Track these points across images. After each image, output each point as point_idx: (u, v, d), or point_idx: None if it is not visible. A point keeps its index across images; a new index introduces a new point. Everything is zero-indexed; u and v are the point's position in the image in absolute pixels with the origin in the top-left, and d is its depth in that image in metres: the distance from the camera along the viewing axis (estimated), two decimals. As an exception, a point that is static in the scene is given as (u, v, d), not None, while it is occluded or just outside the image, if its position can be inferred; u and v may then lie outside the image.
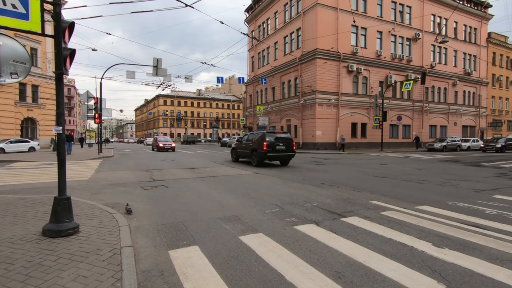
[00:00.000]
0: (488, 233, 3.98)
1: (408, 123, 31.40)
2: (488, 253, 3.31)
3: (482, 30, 37.04)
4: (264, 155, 12.33)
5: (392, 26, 29.28)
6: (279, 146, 12.55)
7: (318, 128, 25.93)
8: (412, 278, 2.69)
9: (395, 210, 5.22)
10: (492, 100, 40.04)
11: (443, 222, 4.48)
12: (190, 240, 3.67)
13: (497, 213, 5.09)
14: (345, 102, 27.05)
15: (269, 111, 33.77)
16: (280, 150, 12.60)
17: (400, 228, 4.19)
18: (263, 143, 12.24)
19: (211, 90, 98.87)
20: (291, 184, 8.13)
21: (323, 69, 25.74)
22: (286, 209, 5.23)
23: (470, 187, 7.79)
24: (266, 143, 12.24)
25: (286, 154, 12.91)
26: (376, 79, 28.89)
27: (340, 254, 3.24)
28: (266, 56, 35.13)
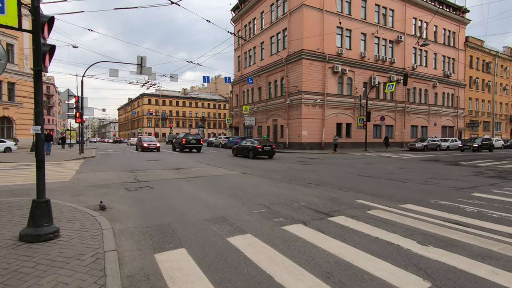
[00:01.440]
0: (469, 231, 4.11)
1: (391, 124, 32.19)
2: (470, 250, 3.41)
3: (460, 34, 38.48)
4: (184, 146, 23.40)
5: (375, 28, 29.92)
6: (192, 141, 23.73)
7: (304, 128, 26.15)
8: (399, 277, 2.73)
9: (381, 209, 5.31)
10: (469, 102, 41.67)
11: (427, 220, 4.59)
12: (177, 243, 3.59)
13: (476, 210, 5.27)
14: (331, 103, 27.42)
15: (256, 111, 33.77)
16: (192, 143, 23.68)
17: (385, 226, 4.26)
18: (183, 140, 23.40)
19: (197, 90, 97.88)
20: (278, 184, 8.14)
21: (309, 70, 25.99)
22: (274, 209, 5.22)
23: (451, 185, 8.06)
24: (185, 140, 23.42)
25: (196, 145, 23.84)
26: (361, 80, 29.44)
27: (328, 254, 3.25)
28: (252, 56, 35.11)
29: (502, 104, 46.97)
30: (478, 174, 10.57)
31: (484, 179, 9.32)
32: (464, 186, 7.89)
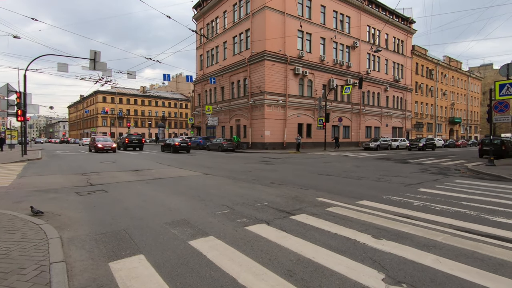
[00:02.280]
0: (416, 223, 4.47)
1: (348, 124, 34.00)
2: (418, 241, 3.70)
3: (407, 43, 41.95)
4: (127, 145, 26.64)
5: (334, 33, 31.38)
6: (134, 141, 27.10)
7: (266, 128, 26.50)
8: (356, 270, 2.86)
9: (339, 206, 5.56)
10: (415, 105, 45.59)
11: (380, 215, 4.90)
12: (134, 249, 3.39)
13: (422, 204, 5.76)
14: (292, 104, 28.15)
15: (219, 110, 33.45)
16: (134, 142, 27.06)
17: (344, 222, 4.46)
18: (126, 139, 26.98)
19: (157, 88, 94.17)
20: (242, 184, 8.13)
21: (271, 71, 26.41)
22: (237, 210, 5.18)
23: (400, 182, 8.72)
24: (128, 139, 26.99)
25: (138, 144, 27.17)
26: (320, 83, 30.66)
27: (290, 252, 3.30)
28: (215, 55, 34.72)
29: (443, 108, 52.15)
30: (423, 171, 11.58)
31: (428, 176, 10.24)
32: (412, 182, 8.59)
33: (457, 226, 4.38)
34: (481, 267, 2.97)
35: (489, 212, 5.16)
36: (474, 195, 6.70)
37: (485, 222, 4.60)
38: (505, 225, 4.45)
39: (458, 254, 3.29)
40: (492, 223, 4.52)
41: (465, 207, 5.57)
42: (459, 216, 4.93)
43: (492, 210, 5.31)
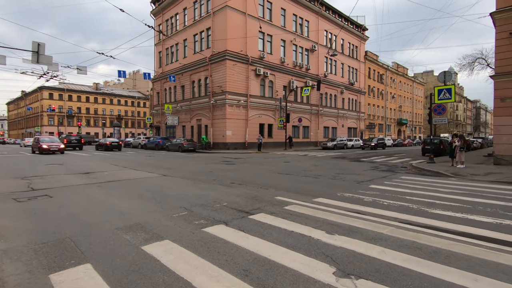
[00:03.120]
0: (366, 218, 4.78)
1: (307, 125, 35.22)
2: (366, 234, 3.96)
3: (361, 49, 44.70)
4: (66, 145, 25.31)
5: (293, 36, 32.29)
6: (73, 141, 28.06)
7: (228, 128, 26.39)
8: (310, 266, 2.97)
9: (297, 204, 5.72)
10: (368, 107, 48.75)
11: (334, 211, 5.15)
12: (80, 258, 3.15)
13: (372, 200, 6.17)
14: (254, 104, 28.39)
15: (179, 110, 32.53)
16: (74, 142, 28.01)
17: (300, 220, 4.60)
18: (65, 140, 26.98)
19: (112, 85, 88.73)
20: (201, 185, 7.99)
21: (233, 71, 26.36)
22: (195, 212, 5.08)
23: (353, 179, 9.25)
24: (67, 140, 27.37)
25: (77, 144, 28.25)
26: (281, 84, 31.34)
27: (247, 252, 3.32)
28: (175, 53, 33.69)
29: (392, 110, 56.47)
30: (374, 169, 12.43)
31: (378, 173, 11.01)
32: (364, 180, 9.17)
33: (401, 219, 4.76)
34: (419, 255, 3.26)
35: (428, 205, 5.70)
36: (416, 190, 7.35)
37: (424, 214, 5.07)
38: (441, 216, 4.94)
39: (401, 245, 3.58)
40: (430, 215, 5.00)
41: (408, 201, 6.09)
42: (403, 209, 5.37)
43: (431, 203, 5.87)
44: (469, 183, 8.71)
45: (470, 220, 4.73)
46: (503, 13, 12.78)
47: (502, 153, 13.06)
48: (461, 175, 10.20)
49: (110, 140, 28.16)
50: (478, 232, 4.09)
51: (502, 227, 4.38)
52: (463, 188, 7.74)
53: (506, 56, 12.80)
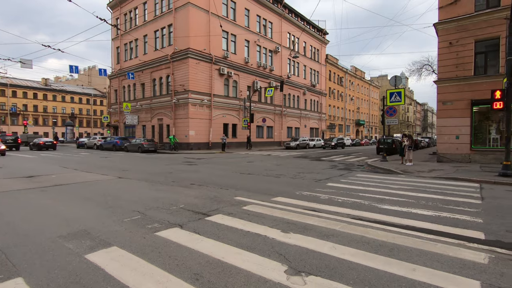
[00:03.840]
0: (321, 215, 4.93)
1: (271, 125, 35.72)
2: (320, 231, 4.08)
3: (322, 52, 46.43)
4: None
5: (257, 37, 32.53)
6: (9, 141, 26.04)
7: (191, 128, 25.82)
8: (263, 265, 2.98)
9: (255, 203, 5.74)
10: (329, 108, 50.80)
11: (291, 210, 5.25)
12: (11, 272, 2.83)
13: (328, 197, 6.40)
14: (218, 104, 28.09)
15: (139, 109, 31.10)
16: (9, 142, 25.72)
17: (257, 220, 4.61)
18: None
19: (64, 81, 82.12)
20: (159, 187, 7.69)
21: (196, 70, 25.84)
22: (149, 215, 4.85)
23: (313, 178, 9.54)
24: (1, 139, 23.94)
25: (13, 144, 26.25)
26: (245, 84, 31.40)
27: (200, 255, 3.24)
28: (134, 49, 32.14)
29: (351, 111, 59.46)
30: (333, 167, 12.95)
31: (336, 171, 11.49)
32: (322, 178, 9.50)
33: (353, 215, 4.99)
34: (366, 249, 3.44)
35: (378, 201, 6.05)
36: (369, 187, 7.78)
37: (374, 210, 5.37)
38: (389, 211, 5.28)
39: (351, 240, 3.75)
40: (379, 210, 5.31)
41: (361, 197, 6.42)
42: (356, 206, 5.64)
43: (381, 199, 6.24)
44: (415, 179, 9.44)
45: (414, 213, 5.10)
46: (444, 24, 14.07)
47: (444, 152, 14.38)
48: (409, 172, 11.03)
49: (44, 139, 29.30)
50: (419, 225, 4.42)
51: (440, 219, 4.79)
52: (410, 184, 8.37)
53: (446, 63, 14.11)
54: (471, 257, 3.23)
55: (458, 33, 13.71)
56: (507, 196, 6.78)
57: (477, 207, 5.60)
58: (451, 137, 14.10)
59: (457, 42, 13.75)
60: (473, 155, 13.62)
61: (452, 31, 13.89)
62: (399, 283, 2.65)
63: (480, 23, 13.22)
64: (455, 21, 13.75)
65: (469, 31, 13.45)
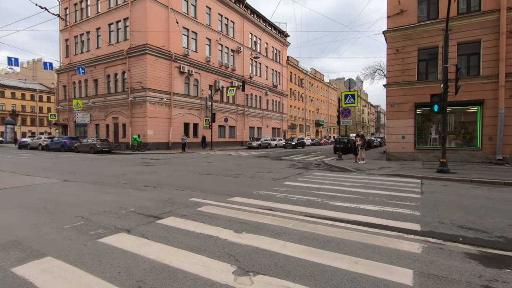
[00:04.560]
0: (275, 214, 5.00)
1: (233, 125, 35.63)
2: (272, 230, 4.13)
3: (283, 54, 47.46)
4: None
5: (219, 36, 32.22)
6: None
7: (149, 128, 24.76)
8: (211, 267, 2.92)
9: (211, 204, 5.65)
10: (290, 108, 52.10)
11: (247, 210, 5.25)
12: None
13: (283, 196, 6.53)
14: (178, 102, 27.29)
15: (91, 106, 29.05)
16: None
17: (211, 221, 4.54)
18: None
19: (4, 74, 73.77)
20: (109, 189, 7.22)
21: (154, 67, 24.82)
22: (93, 221, 4.52)
23: (271, 177, 9.68)
24: None
25: None
26: (206, 83, 30.92)
27: (146, 260, 3.08)
28: (86, 42, 29.94)
29: (311, 112, 61.62)
30: (292, 166, 13.28)
31: (294, 170, 11.79)
32: (280, 177, 9.68)
33: (306, 212, 5.14)
34: (315, 245, 3.55)
35: (330, 198, 6.31)
36: (323, 185, 8.10)
37: (326, 206, 5.59)
38: (339, 207, 5.53)
39: (301, 237, 3.84)
40: (331, 207, 5.54)
41: (315, 195, 6.64)
42: (309, 203, 5.83)
43: (333, 196, 6.52)
44: (366, 176, 10.04)
45: (362, 209, 5.40)
46: (392, 32, 15.19)
47: (392, 150, 15.52)
48: (361, 169, 11.71)
49: None
50: (366, 220, 4.69)
51: (384, 213, 5.13)
52: (361, 181, 8.87)
53: (394, 69, 15.25)
54: (407, 248, 3.49)
55: (404, 41, 14.89)
56: (442, 191, 7.49)
57: (417, 201, 6.10)
58: (398, 137, 15.26)
59: (403, 49, 14.92)
60: (417, 153, 14.89)
61: (398, 39, 15.04)
62: (341, 276, 2.76)
63: (422, 33, 14.49)
64: (401, 30, 14.91)
65: (413, 40, 14.68)
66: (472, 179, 8.93)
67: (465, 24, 13.52)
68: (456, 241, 3.80)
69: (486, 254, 3.37)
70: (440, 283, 2.66)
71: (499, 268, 3.00)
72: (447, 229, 4.29)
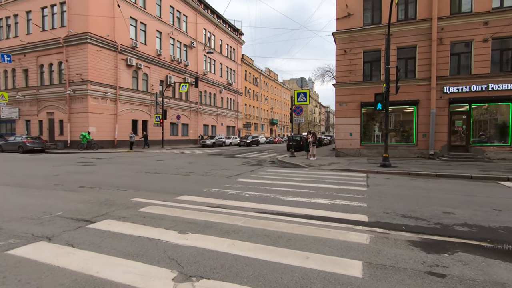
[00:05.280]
0: (225, 211, 4.73)
1: (187, 122, 34.41)
2: (221, 228, 3.85)
3: (238, 52, 47.26)
4: None
5: (171, 29, 30.76)
6: None
7: (92, 124, 22.60)
8: (148, 275, 2.54)
9: (156, 204, 5.16)
10: (245, 107, 52.18)
11: (195, 208, 4.89)
12: None
13: (235, 193, 6.28)
14: (125, 97, 25.37)
15: (21, 100, 25.58)
16: None
17: (153, 222, 4.09)
18: None
19: None
20: (34, 192, 6.24)
21: (97, 58, 22.70)
22: (5, 229, 3.77)
23: (224, 174, 9.37)
24: None
25: None
26: (157, 78, 29.30)
27: (67, 273, 2.58)
28: (13, 26, 26.23)
29: (265, 111, 62.49)
30: (245, 164, 13.11)
31: (248, 167, 11.63)
32: (233, 174, 9.42)
33: (258, 208, 4.96)
34: (266, 242, 3.36)
35: (283, 193, 6.24)
36: (276, 180, 8.04)
37: (278, 202, 5.49)
38: (291, 202, 5.46)
39: (252, 235, 3.63)
40: (283, 202, 5.45)
41: (268, 191, 6.52)
42: (262, 199, 5.67)
43: (285, 191, 6.46)
44: (317, 172, 10.29)
45: (313, 203, 5.40)
46: (340, 34, 15.92)
47: (341, 147, 16.30)
48: (312, 165, 12.01)
49: None
50: (316, 213, 4.66)
51: (334, 206, 5.18)
52: (312, 176, 9.04)
53: (342, 69, 16.01)
54: (356, 239, 3.49)
55: (351, 43, 15.70)
56: (385, 183, 7.95)
57: (363, 194, 6.33)
58: (346, 135, 16.07)
59: (350, 51, 15.72)
60: (362, 150, 15.83)
61: (346, 41, 15.81)
62: (292, 273, 2.60)
63: (367, 36, 15.42)
64: (349, 33, 15.69)
65: (359, 42, 15.55)
66: (410, 172, 9.68)
67: (404, 30, 14.71)
68: (400, 229, 3.93)
69: (426, 241, 3.52)
70: (388, 273, 2.65)
71: (438, 253, 3.12)
72: (391, 218, 4.45)
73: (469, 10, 13.90)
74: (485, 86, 13.47)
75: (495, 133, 14.00)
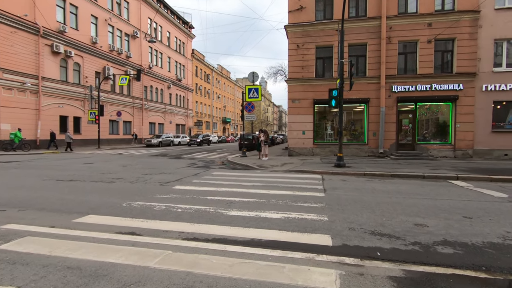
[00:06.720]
0: (139, 241, 3.31)
1: (129, 119, 31.20)
2: (119, 278, 2.44)
3: (188, 46, 44.73)
4: None
5: (109, 15, 27.39)
6: None
7: (4, 121, 18.75)
8: None
9: (36, 233, 3.51)
10: (196, 104, 49.79)
11: (94, 238, 3.37)
12: None
13: (165, 207, 4.85)
14: (50, 90, 21.70)
15: None
16: None
17: (10, 270, 2.51)
18: None
19: None
20: None
21: (10, 41, 18.88)
22: None
23: (159, 180, 7.79)
24: None
25: None
26: (92, 69, 25.80)
27: None
28: None
29: (218, 109, 60.66)
30: (191, 166, 11.58)
31: (192, 170, 10.15)
32: (172, 179, 7.90)
33: (188, 232, 3.64)
34: (184, 304, 2.06)
35: (226, 206, 4.99)
36: (221, 187, 6.77)
37: (219, 219, 4.22)
38: (236, 219, 4.24)
39: (166, 286, 2.30)
40: (225, 219, 4.20)
41: (208, 202, 5.21)
42: (197, 216, 4.34)
43: (230, 202, 5.23)
44: (269, 174, 9.26)
45: (263, 218, 4.25)
46: (293, 28, 15.22)
47: (294, 146, 15.64)
48: (264, 166, 10.99)
49: None
50: (266, 237, 3.51)
51: (289, 222, 4.09)
52: (264, 180, 7.95)
53: (295, 64, 15.34)
54: (321, 283, 2.38)
55: (303, 38, 15.09)
56: (343, 186, 7.19)
57: (322, 201, 5.39)
58: (299, 133, 15.44)
59: (302, 45, 15.10)
60: (315, 148, 15.36)
61: (299, 35, 15.15)
62: None
63: (318, 32, 14.94)
64: (301, 26, 15.06)
65: (312, 37, 15.01)
66: (365, 173, 9.18)
67: (355, 27, 14.53)
68: (374, 257, 2.96)
69: (411, 275, 2.57)
70: None
71: (437, 301, 2.16)
72: (360, 238, 3.48)
73: (415, 11, 14.20)
74: (429, 86, 13.88)
75: (438, 131, 14.56)
